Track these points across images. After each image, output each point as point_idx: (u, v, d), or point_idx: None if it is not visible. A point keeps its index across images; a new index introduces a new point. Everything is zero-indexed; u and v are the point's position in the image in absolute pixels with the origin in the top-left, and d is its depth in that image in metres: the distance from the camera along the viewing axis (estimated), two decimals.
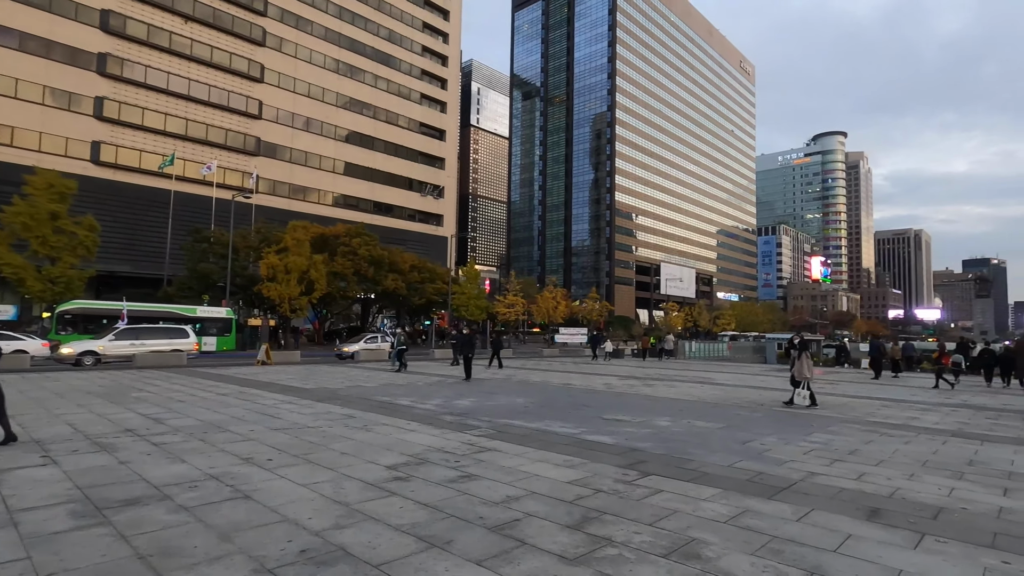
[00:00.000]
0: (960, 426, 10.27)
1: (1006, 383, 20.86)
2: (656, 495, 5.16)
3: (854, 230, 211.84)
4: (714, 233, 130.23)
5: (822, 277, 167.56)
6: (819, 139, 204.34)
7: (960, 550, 4.00)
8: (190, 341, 24.43)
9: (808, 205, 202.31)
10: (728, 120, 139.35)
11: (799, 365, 12.32)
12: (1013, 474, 6.53)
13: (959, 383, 19.67)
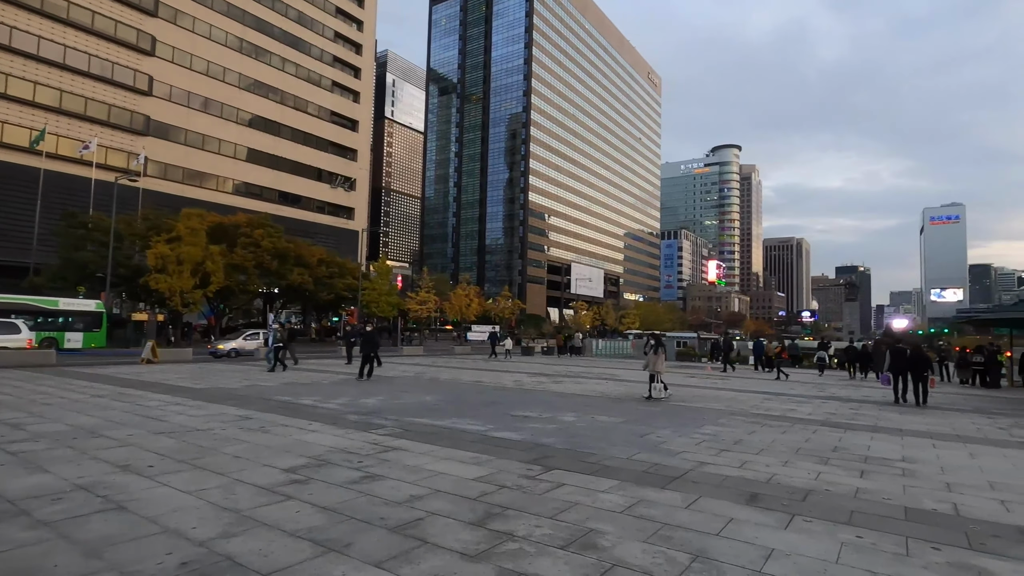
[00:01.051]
0: (828, 416, 11.41)
1: (864, 376, 23.69)
2: (558, 489, 5.31)
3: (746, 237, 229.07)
4: (622, 235, 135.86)
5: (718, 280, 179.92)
6: (717, 151, 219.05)
7: (823, 528, 4.45)
8: (21, 337, 21.89)
9: (706, 212, 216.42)
10: (636, 128, 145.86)
11: (654, 360, 13.18)
12: (869, 458, 7.35)
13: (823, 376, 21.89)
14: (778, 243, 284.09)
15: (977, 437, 9.44)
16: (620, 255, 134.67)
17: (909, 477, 6.35)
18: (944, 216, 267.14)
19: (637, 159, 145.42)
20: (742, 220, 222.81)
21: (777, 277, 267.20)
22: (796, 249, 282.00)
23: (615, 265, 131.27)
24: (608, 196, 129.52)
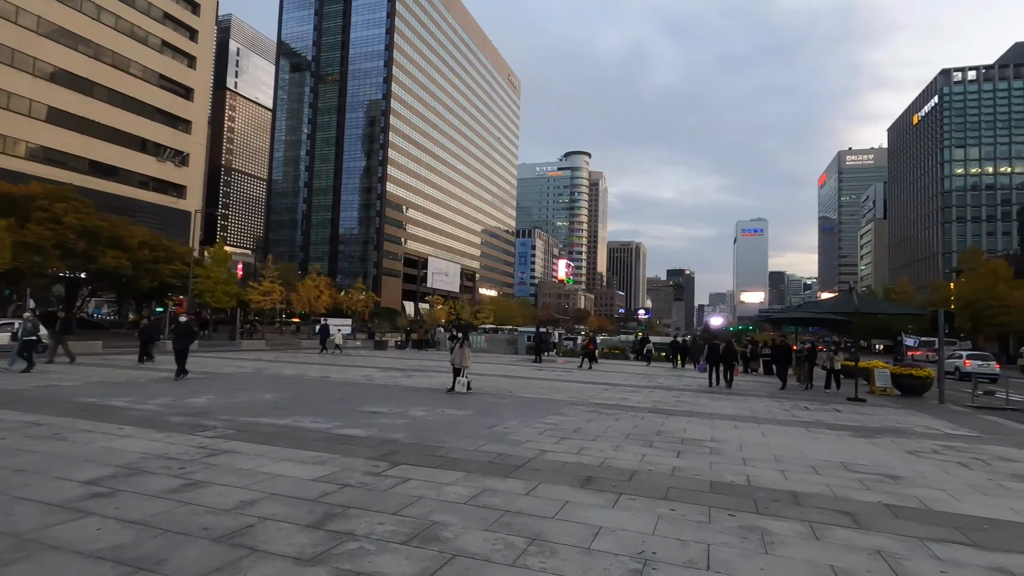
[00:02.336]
0: (655, 404, 12.67)
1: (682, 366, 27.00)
2: (404, 484, 5.26)
3: (592, 239, 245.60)
4: (479, 232, 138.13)
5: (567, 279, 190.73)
6: (569, 156, 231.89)
7: (644, 504, 4.94)
8: None
9: (558, 213, 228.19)
10: (495, 127, 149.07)
11: (459, 354, 12.88)
12: (685, 439, 8.31)
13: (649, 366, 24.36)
14: (620, 246, 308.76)
15: (768, 418, 11.12)
16: (477, 251, 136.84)
17: (715, 455, 7.29)
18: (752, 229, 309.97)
19: (496, 158, 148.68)
20: (590, 223, 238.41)
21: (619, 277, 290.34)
22: (635, 252, 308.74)
23: (472, 261, 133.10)
24: (467, 192, 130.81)
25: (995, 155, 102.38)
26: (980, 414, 13.44)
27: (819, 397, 15.82)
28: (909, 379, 17.05)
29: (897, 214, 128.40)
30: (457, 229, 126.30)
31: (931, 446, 8.65)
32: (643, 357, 30.92)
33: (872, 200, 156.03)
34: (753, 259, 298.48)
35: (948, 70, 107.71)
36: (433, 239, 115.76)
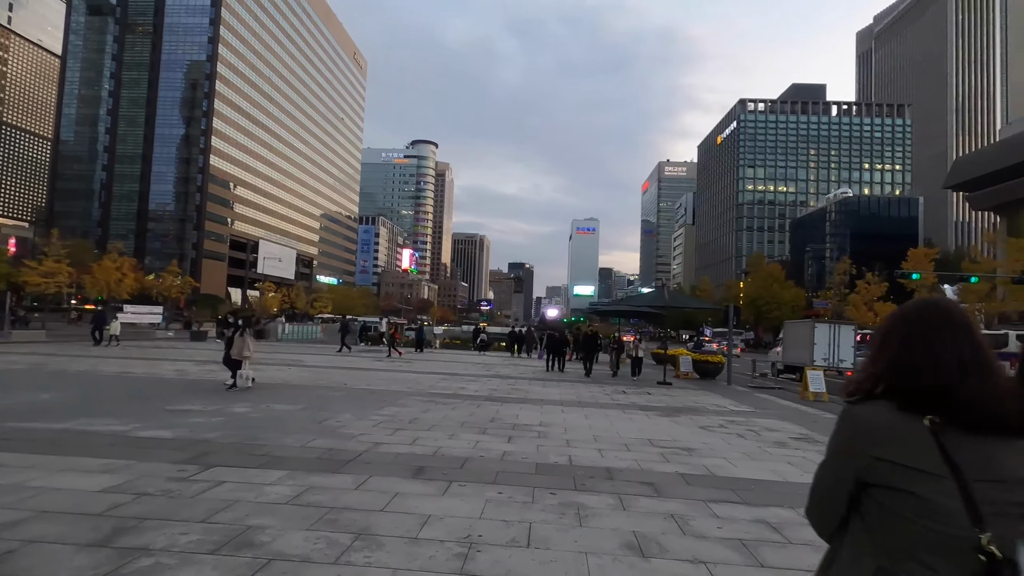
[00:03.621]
0: (491, 392, 13.10)
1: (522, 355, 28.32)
2: (216, 488, 4.79)
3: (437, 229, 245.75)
4: (318, 216, 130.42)
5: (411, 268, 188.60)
6: (416, 145, 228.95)
7: (474, 490, 5.08)
8: None
9: (404, 202, 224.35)
10: (339, 107, 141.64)
11: (239, 344, 11.61)
12: (517, 425, 8.71)
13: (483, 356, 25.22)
14: (465, 238, 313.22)
15: (591, 402, 12.11)
16: (315, 236, 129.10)
17: (543, 439, 7.75)
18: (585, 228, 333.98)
19: (339, 139, 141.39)
20: (435, 213, 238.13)
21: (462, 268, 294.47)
22: (479, 245, 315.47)
23: (309, 246, 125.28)
24: (305, 173, 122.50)
25: (776, 176, 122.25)
26: (756, 392, 16.03)
27: (640, 382, 17.60)
28: (705, 364, 19.75)
29: (703, 221, 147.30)
30: (293, 211, 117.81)
31: (718, 421, 10.11)
32: (477, 346, 32.71)
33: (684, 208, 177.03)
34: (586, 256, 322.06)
35: (744, 100, 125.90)
36: (265, 220, 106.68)
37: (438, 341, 37.76)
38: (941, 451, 1.14)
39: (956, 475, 1.12)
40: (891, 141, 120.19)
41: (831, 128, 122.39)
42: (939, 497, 1.13)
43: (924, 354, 1.25)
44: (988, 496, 1.11)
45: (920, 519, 1.14)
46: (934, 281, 43.04)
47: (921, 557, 1.14)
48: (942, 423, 1.17)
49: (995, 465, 1.14)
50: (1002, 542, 1.08)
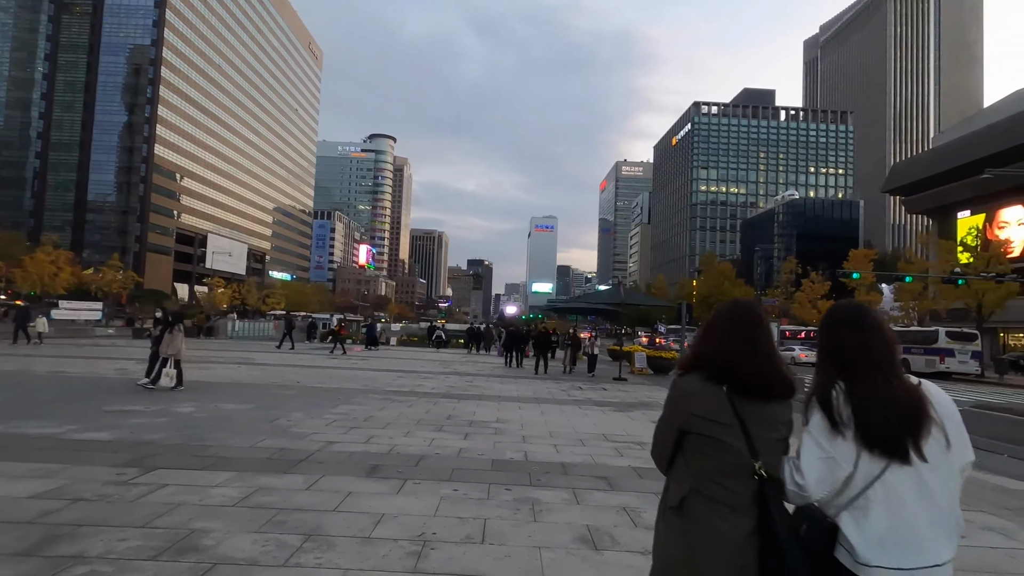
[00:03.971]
0: (448, 389, 13.05)
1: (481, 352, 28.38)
2: (159, 491, 4.60)
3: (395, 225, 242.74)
4: (271, 210, 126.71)
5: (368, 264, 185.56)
6: (374, 138, 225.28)
7: (429, 487, 5.05)
8: None
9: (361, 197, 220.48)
10: (293, 98, 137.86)
11: (168, 340, 10.95)
12: (473, 422, 8.70)
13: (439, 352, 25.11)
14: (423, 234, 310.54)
15: (548, 398, 12.21)
16: (268, 230, 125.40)
17: (499, 435, 7.77)
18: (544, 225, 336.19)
19: (293, 131, 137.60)
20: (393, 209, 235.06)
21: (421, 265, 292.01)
22: (438, 241, 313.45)
23: (262, 240, 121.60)
24: (257, 165, 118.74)
25: (728, 177, 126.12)
26: None
27: (595, 379, 17.84)
28: (659, 360, 20.22)
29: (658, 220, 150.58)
30: (245, 205, 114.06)
31: None
32: (433, 343, 33.15)
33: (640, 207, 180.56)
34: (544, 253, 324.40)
35: (699, 103, 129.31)
36: (215, 214, 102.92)
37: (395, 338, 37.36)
38: (732, 408, 1.69)
39: (741, 424, 1.67)
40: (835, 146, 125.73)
41: (780, 132, 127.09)
42: (730, 438, 1.67)
43: (721, 343, 1.79)
44: (760, 437, 1.68)
45: (717, 453, 1.68)
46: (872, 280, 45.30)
47: (718, 479, 1.68)
48: (731, 389, 1.71)
49: (764, 417, 1.71)
50: (769, 466, 1.67)
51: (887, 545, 1.57)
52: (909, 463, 1.59)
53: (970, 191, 43.58)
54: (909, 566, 1.56)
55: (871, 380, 1.66)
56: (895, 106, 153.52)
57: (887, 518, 1.58)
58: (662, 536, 1.82)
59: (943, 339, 29.77)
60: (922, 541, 1.57)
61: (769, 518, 1.64)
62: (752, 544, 1.65)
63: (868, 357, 1.70)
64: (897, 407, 1.62)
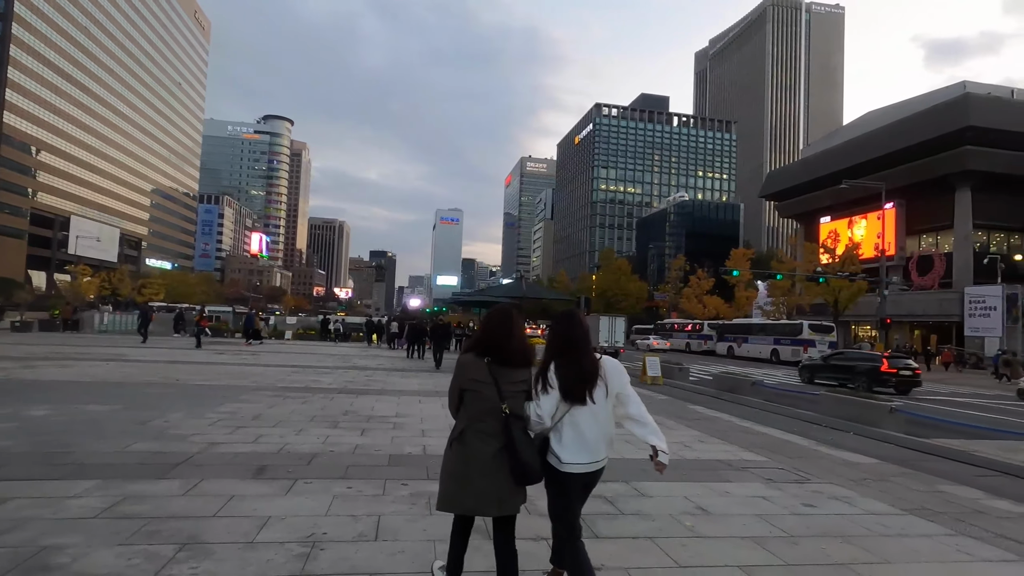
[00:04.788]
0: (346, 384, 12.65)
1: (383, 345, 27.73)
2: (1, 506, 4.07)
3: (292, 213, 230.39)
4: (148, 191, 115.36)
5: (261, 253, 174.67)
6: (269, 120, 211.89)
7: (321, 486, 4.88)
8: None
9: (254, 181, 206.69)
10: (176, 70, 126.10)
11: None
12: (371, 417, 8.51)
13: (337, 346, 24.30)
14: (323, 223, 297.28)
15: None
16: (145, 214, 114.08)
17: (398, 429, 7.66)
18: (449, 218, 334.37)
19: (175, 107, 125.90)
20: (290, 195, 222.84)
21: (320, 255, 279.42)
22: (338, 231, 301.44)
23: (138, 225, 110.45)
24: (133, 141, 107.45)
25: (626, 178, 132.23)
26: None
27: None
28: None
29: (561, 216, 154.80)
30: (117, 185, 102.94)
31: None
32: (332, 337, 32.51)
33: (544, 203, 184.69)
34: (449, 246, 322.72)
35: (600, 104, 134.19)
36: (80, 193, 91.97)
37: (290, 332, 35.56)
38: (490, 373, 2.75)
39: (495, 382, 2.74)
40: (720, 153, 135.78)
41: (673, 137, 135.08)
42: (488, 391, 2.73)
43: (487, 333, 2.86)
44: (507, 390, 2.75)
45: (480, 401, 2.74)
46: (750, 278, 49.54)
47: (482, 418, 2.74)
48: (491, 361, 2.78)
49: (510, 377, 2.78)
50: (512, 407, 2.72)
51: (573, 451, 2.78)
52: (585, 404, 2.77)
53: (830, 199, 48.93)
54: (584, 461, 2.79)
55: (571, 359, 2.82)
56: (772, 119, 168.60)
57: (572, 435, 2.78)
58: (448, 458, 2.84)
59: (806, 331, 33.25)
60: (592, 448, 2.80)
61: (511, 437, 2.69)
62: (502, 455, 2.71)
63: (571, 344, 2.85)
64: (582, 374, 2.78)
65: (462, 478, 2.72)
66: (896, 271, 43.47)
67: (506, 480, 2.71)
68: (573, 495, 2.86)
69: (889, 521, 4.78)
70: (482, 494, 2.71)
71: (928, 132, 41.41)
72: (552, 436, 2.79)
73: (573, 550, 2.85)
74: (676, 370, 17.92)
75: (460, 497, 2.75)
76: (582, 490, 2.90)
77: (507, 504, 2.77)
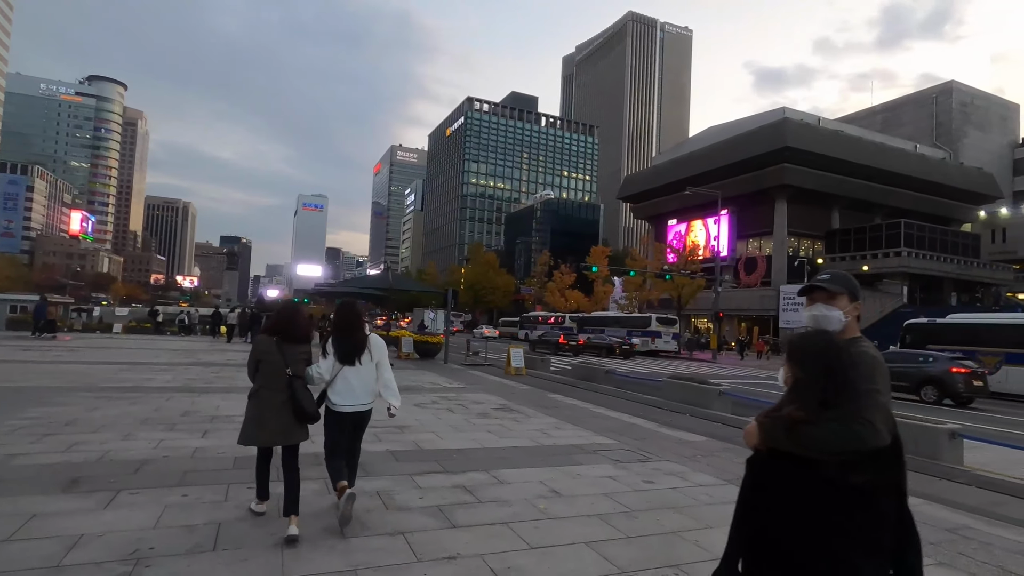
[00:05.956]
0: (188, 382, 11.46)
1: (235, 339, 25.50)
2: None
3: (125, 190, 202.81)
4: None
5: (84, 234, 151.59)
6: (96, 82, 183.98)
7: (150, 496, 4.37)
8: None
9: (75, 151, 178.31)
10: None
11: None
12: (216, 417, 7.80)
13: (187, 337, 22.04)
14: (163, 203, 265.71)
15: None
16: None
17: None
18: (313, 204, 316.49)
19: None
20: (123, 170, 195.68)
21: (159, 239, 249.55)
22: (183, 212, 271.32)
23: None
24: None
25: (496, 173, 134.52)
26: (469, 370, 17.49)
27: None
28: (426, 344, 20.72)
29: (431, 208, 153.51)
30: None
31: (432, 398, 10.73)
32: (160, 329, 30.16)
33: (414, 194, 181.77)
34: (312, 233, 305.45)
35: (472, 98, 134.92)
36: None
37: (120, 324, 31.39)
38: (278, 347, 3.96)
39: (281, 353, 3.95)
40: (584, 155, 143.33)
41: (541, 136, 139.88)
42: (275, 360, 3.95)
43: (278, 322, 4.17)
44: (290, 358, 3.97)
45: (271, 367, 3.93)
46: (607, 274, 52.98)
47: (273, 377, 3.93)
48: (279, 340, 4.00)
49: (293, 350, 4.01)
50: (295, 370, 3.98)
51: (344, 397, 4.04)
52: (354, 366, 4.04)
53: (677, 204, 53.87)
54: (351, 403, 4.05)
55: (346, 335, 4.10)
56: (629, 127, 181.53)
57: (344, 387, 4.04)
58: (249, 408, 3.97)
59: (654, 324, 36.37)
60: (358, 395, 4.07)
61: (294, 390, 3.90)
62: (287, 403, 3.89)
63: (348, 325, 4.17)
64: (354, 345, 4.07)
65: (259, 420, 3.87)
66: (728, 270, 49.12)
67: (290, 420, 3.88)
68: (345, 429, 4.12)
69: (714, 491, 5.41)
70: (273, 431, 3.87)
71: (754, 150, 47.23)
72: (330, 388, 4.05)
73: (334, 462, 4.07)
74: (539, 361, 18.69)
75: (257, 434, 3.88)
76: (352, 427, 4.17)
77: (292, 436, 3.94)
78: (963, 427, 8.01)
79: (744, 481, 1.82)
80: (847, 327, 2.02)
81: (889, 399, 1.86)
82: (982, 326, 20.51)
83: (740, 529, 1.78)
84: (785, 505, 1.67)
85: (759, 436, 1.76)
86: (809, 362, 1.75)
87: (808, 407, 1.68)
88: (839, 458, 1.62)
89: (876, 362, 1.85)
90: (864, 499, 1.63)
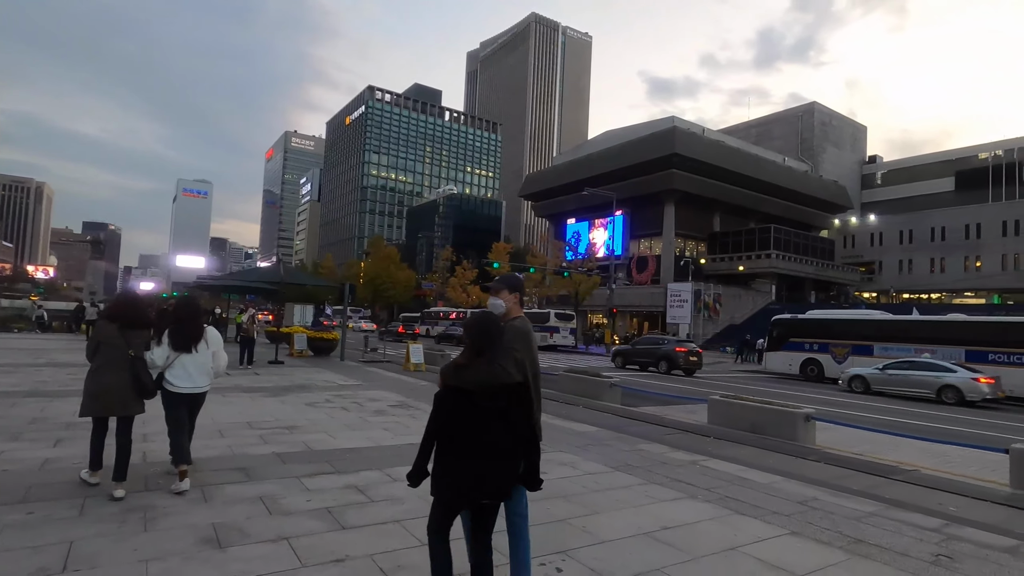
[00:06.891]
0: (38, 385, 10.19)
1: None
2: None
3: None
4: None
5: None
6: None
7: None
8: None
9: None
10: None
11: None
12: (72, 424, 6.97)
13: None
14: (11, 182, 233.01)
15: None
16: None
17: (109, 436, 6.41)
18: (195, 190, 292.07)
19: None
20: None
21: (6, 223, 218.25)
22: (34, 193, 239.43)
23: None
24: None
25: (397, 165, 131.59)
26: (366, 366, 17.01)
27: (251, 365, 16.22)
28: (320, 341, 19.88)
29: (329, 199, 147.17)
30: None
31: (325, 396, 10.32)
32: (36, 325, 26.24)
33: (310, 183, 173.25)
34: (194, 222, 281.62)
35: (373, 87, 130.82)
36: None
37: None
38: (119, 332, 4.52)
39: (124, 337, 4.51)
40: (487, 151, 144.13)
41: (444, 131, 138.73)
42: (117, 344, 4.50)
43: (118, 310, 4.73)
44: (132, 343, 4.54)
45: (113, 349, 4.49)
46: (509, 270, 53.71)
47: (115, 357, 4.48)
48: (121, 325, 4.56)
49: (134, 335, 4.59)
50: (136, 352, 4.55)
51: (180, 379, 4.67)
52: (190, 352, 4.70)
53: (575, 204, 55.75)
54: (187, 386, 4.70)
55: (182, 326, 4.73)
56: (532, 126, 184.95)
57: (181, 372, 4.67)
58: (88, 383, 4.47)
59: (553, 319, 37.41)
60: (194, 378, 4.73)
61: (134, 368, 4.46)
62: (127, 379, 4.43)
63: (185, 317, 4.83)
64: (188, 335, 4.73)
65: (98, 394, 4.42)
66: (622, 269, 51.65)
67: (129, 394, 4.46)
68: (182, 408, 4.70)
69: (601, 478, 5.67)
70: (112, 403, 4.44)
71: (646, 155, 50.02)
72: (168, 371, 4.62)
73: (178, 439, 4.61)
74: (439, 357, 18.55)
75: (96, 405, 4.44)
76: (189, 407, 4.81)
77: (129, 408, 4.52)
78: (816, 411, 9.03)
79: (433, 407, 2.63)
80: (510, 309, 2.99)
81: (527, 356, 2.86)
82: (834, 321, 23.45)
83: (427, 442, 2.63)
84: (455, 417, 2.57)
85: (441, 377, 2.66)
86: (471, 329, 2.70)
87: (468, 357, 2.63)
88: (488, 391, 2.56)
89: (519, 331, 2.87)
90: (500, 415, 2.58)
